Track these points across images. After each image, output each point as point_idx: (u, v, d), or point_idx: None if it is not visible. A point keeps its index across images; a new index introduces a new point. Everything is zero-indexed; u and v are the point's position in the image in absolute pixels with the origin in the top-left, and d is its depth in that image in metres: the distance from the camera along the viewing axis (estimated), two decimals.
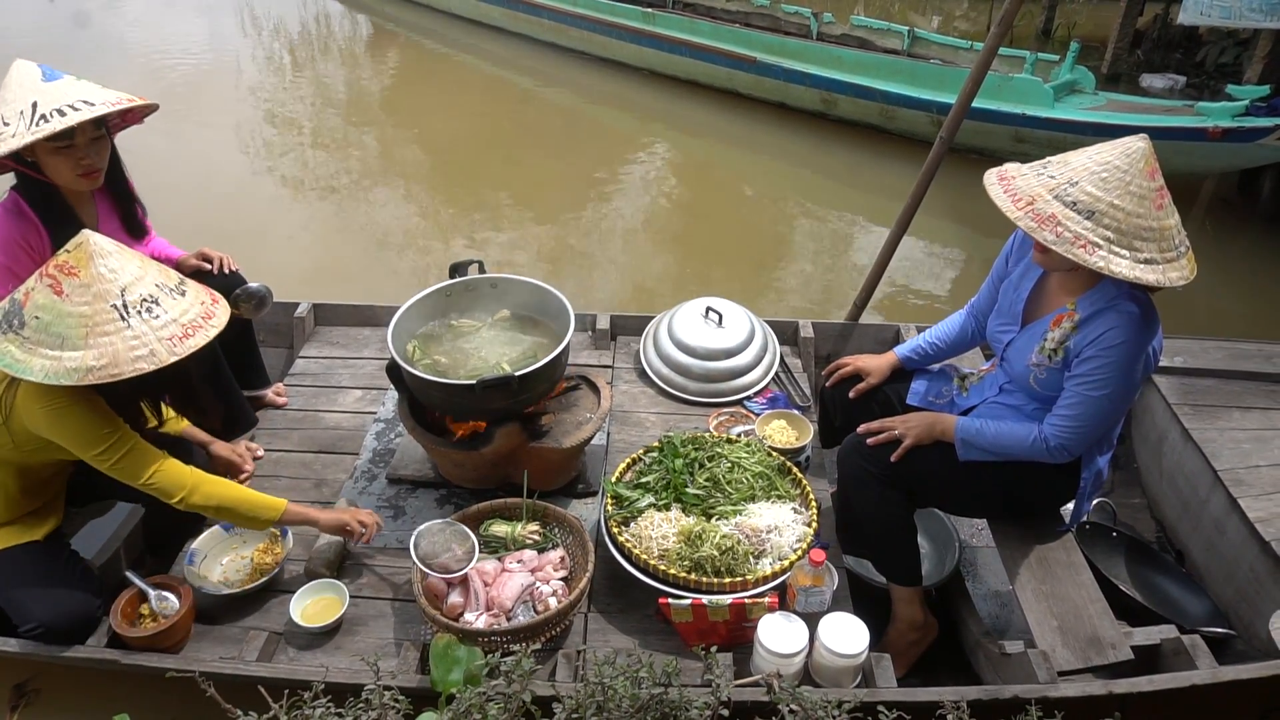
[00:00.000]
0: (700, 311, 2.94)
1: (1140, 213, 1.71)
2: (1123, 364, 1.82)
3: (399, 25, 10.18)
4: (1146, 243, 1.71)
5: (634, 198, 5.87)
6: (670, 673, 1.58)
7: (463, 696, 1.52)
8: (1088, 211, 1.72)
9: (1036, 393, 2.01)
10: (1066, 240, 1.72)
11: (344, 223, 5.39)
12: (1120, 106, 5.47)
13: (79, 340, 1.68)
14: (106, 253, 1.74)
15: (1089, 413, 1.88)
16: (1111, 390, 1.85)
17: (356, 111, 7.54)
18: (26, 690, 2.24)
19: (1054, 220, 1.73)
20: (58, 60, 2.22)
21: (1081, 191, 1.73)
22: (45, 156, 2.11)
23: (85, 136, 2.11)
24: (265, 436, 2.71)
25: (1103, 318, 1.83)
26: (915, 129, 6.08)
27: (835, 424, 2.45)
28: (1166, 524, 2.70)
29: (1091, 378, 1.85)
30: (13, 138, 2.01)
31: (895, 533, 2.11)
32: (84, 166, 2.15)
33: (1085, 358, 1.85)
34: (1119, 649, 1.92)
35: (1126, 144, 1.74)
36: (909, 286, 4.68)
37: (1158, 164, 1.75)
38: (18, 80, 2.08)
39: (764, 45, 6.77)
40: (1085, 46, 6.34)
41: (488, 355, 2.37)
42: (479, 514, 2.20)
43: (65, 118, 2.02)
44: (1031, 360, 1.98)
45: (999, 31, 2.57)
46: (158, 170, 5.26)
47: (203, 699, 1.46)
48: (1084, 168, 1.76)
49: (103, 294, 1.70)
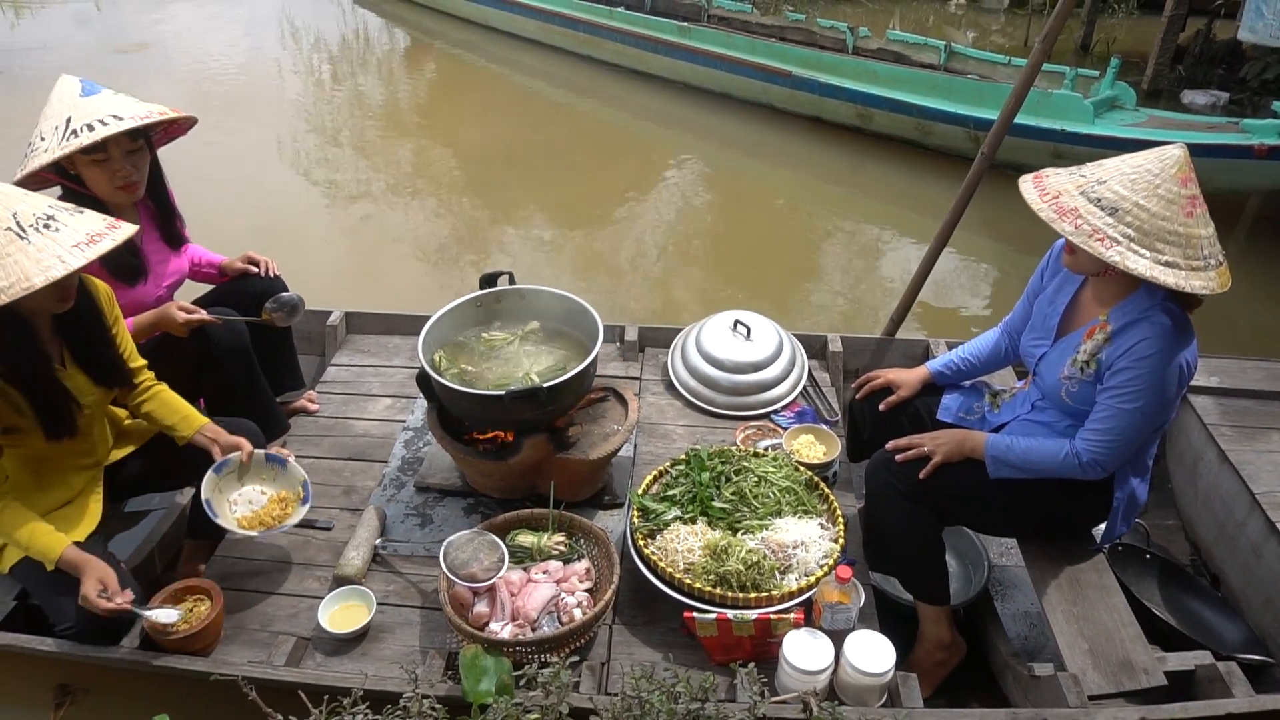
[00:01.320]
0: (728, 324, 2.94)
1: (1166, 215, 1.71)
2: (1155, 375, 1.80)
3: (435, 38, 10.33)
4: (1170, 246, 1.71)
5: (666, 210, 5.88)
6: (707, 688, 1.59)
7: (497, 706, 1.53)
8: (1111, 208, 1.73)
9: (1069, 407, 1.99)
10: (1085, 232, 1.73)
11: (379, 231, 5.46)
12: (1162, 123, 5.40)
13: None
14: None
15: (1121, 426, 1.86)
16: (1144, 403, 1.83)
17: (393, 122, 7.65)
18: (70, 690, 2.28)
19: (1075, 213, 1.75)
20: (105, 75, 2.29)
21: (1108, 190, 1.75)
22: (84, 169, 2.18)
23: (120, 149, 2.17)
24: (297, 443, 2.75)
25: (1135, 329, 1.82)
26: (952, 144, 6.05)
27: (864, 438, 2.45)
28: (1202, 547, 2.65)
29: (1124, 390, 1.84)
30: (45, 152, 2.08)
31: (923, 550, 2.09)
32: (121, 179, 2.21)
33: (1117, 369, 1.84)
34: (1152, 674, 1.89)
35: (1163, 150, 1.76)
36: (941, 302, 4.64)
37: (1194, 174, 1.75)
38: (59, 95, 2.16)
39: (799, 59, 6.77)
40: (1125, 62, 6.24)
41: (516, 366, 2.39)
42: (505, 524, 2.22)
43: (94, 132, 2.09)
44: (1064, 373, 1.97)
45: (1042, 48, 2.54)
46: (200, 178, 5.39)
47: (241, 702, 1.49)
48: (1116, 169, 1.78)
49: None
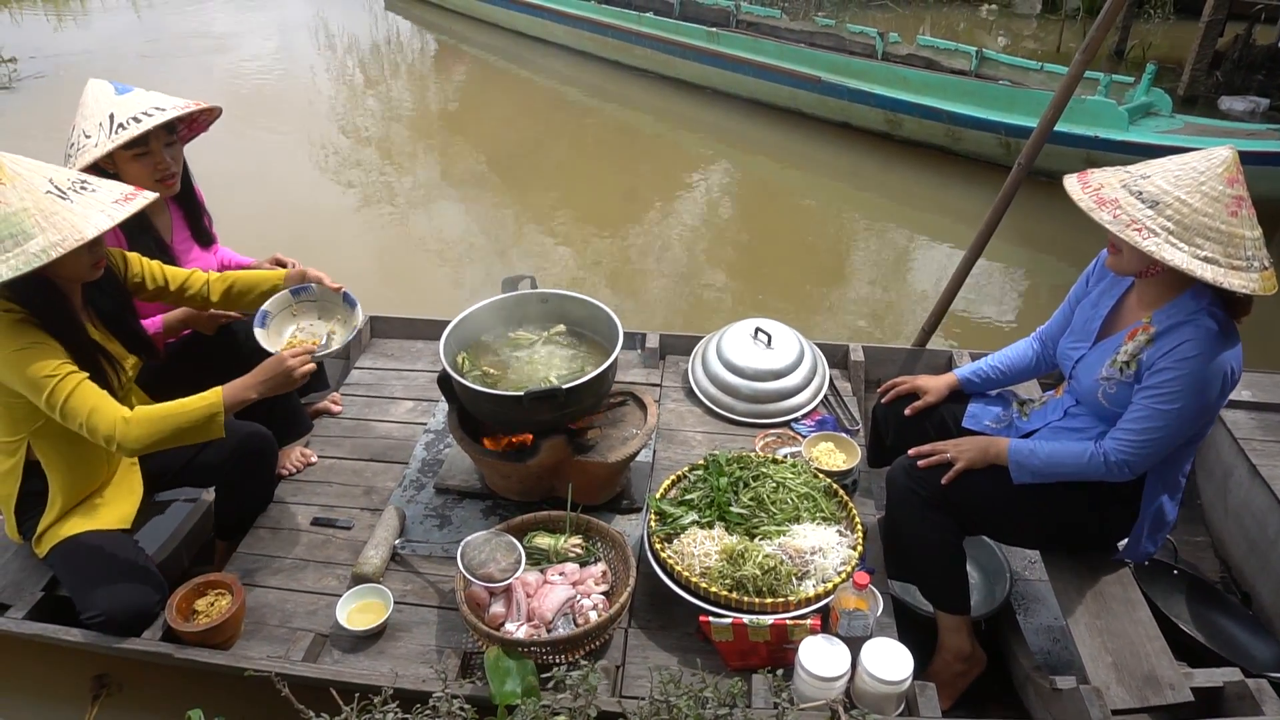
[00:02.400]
0: (749, 332, 2.94)
1: (1209, 212, 1.69)
2: (1196, 377, 1.77)
3: (466, 43, 10.46)
4: (1210, 242, 1.69)
5: (692, 215, 5.89)
6: (735, 694, 1.58)
7: (525, 707, 1.53)
8: (1152, 201, 1.72)
9: (1104, 411, 1.96)
10: (1122, 222, 1.73)
11: (406, 234, 5.53)
12: (1199, 130, 5.30)
13: (32, 228, 1.73)
14: (13, 158, 1.81)
15: (1155, 426, 1.83)
16: (1183, 404, 1.79)
17: (421, 126, 7.75)
18: (107, 682, 2.31)
19: (1115, 204, 1.75)
20: (143, 78, 2.36)
21: (1151, 184, 1.74)
22: (125, 165, 2.23)
23: (159, 142, 2.24)
24: (320, 443, 2.78)
25: (1179, 331, 1.79)
26: (982, 150, 6.00)
27: (886, 444, 2.43)
28: (1232, 564, 2.59)
29: (1162, 390, 1.80)
30: (95, 147, 2.14)
31: (943, 559, 2.07)
32: (161, 172, 2.27)
33: (1157, 369, 1.81)
34: (1178, 690, 1.84)
35: (1212, 150, 1.75)
36: (968, 311, 4.59)
37: (1242, 176, 1.73)
38: (93, 97, 2.22)
39: (829, 65, 6.73)
40: (1161, 68, 6.13)
41: (536, 369, 2.40)
42: (523, 525, 2.22)
43: (140, 124, 2.15)
44: (1102, 374, 1.94)
45: (1083, 59, 2.49)
46: (231, 180, 5.50)
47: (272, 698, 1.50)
48: (1162, 166, 1.77)
49: (32, 186, 1.77)
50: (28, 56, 8.94)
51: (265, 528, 2.44)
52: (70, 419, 1.86)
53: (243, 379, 1.99)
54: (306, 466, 2.67)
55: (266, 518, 2.47)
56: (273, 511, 2.49)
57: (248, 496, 2.42)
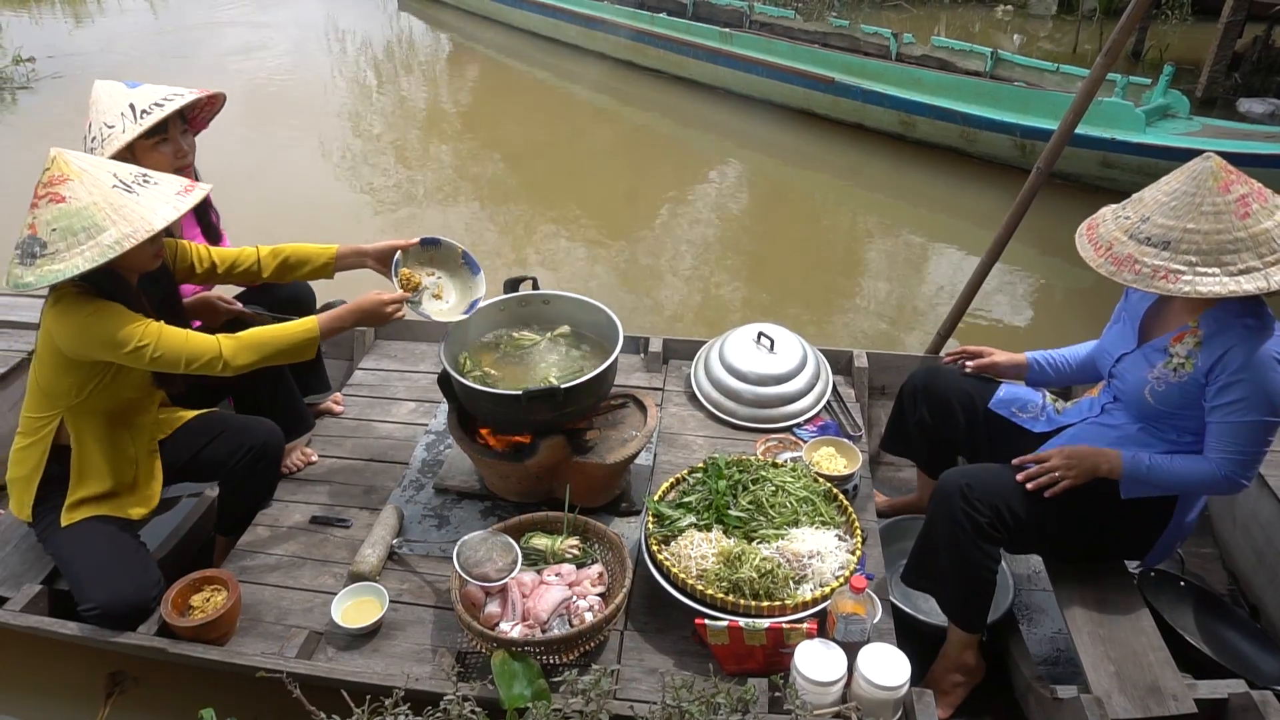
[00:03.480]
0: (752, 337, 2.93)
1: (1220, 228, 1.69)
2: (1259, 381, 1.76)
3: (478, 43, 10.49)
4: (1238, 254, 1.69)
5: (704, 217, 5.86)
6: (748, 699, 1.57)
7: (536, 710, 1.53)
8: (1162, 243, 1.72)
9: (1148, 409, 1.95)
10: (1146, 276, 1.73)
11: (415, 232, 5.50)
12: (1216, 132, 5.24)
13: (104, 222, 1.82)
14: (79, 155, 1.89)
15: (1245, 439, 1.82)
16: (1259, 411, 1.78)
17: (433, 125, 7.77)
18: (121, 680, 2.30)
19: (1131, 260, 1.76)
20: (158, 76, 2.39)
21: (1154, 226, 1.74)
22: (145, 155, 2.26)
23: (176, 130, 2.28)
24: (321, 443, 2.78)
25: (1225, 335, 1.79)
26: (997, 152, 5.95)
27: (909, 422, 2.42)
28: (1240, 576, 2.55)
29: (1235, 406, 1.80)
30: (123, 134, 2.18)
31: (978, 583, 2.00)
32: (179, 160, 2.31)
33: (1222, 385, 1.80)
34: (1181, 701, 1.81)
35: (1191, 167, 1.74)
36: (980, 315, 4.50)
37: (1235, 175, 1.72)
38: (106, 93, 2.26)
39: (842, 66, 6.69)
40: (1179, 69, 6.05)
41: (537, 369, 2.39)
42: (520, 526, 2.21)
43: (162, 108, 2.21)
44: (1152, 374, 1.92)
45: (1105, 61, 2.46)
46: (241, 179, 5.53)
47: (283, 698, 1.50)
48: (1154, 200, 1.77)
49: (99, 181, 1.85)
50: (45, 56, 9.03)
51: (264, 525, 2.44)
52: (167, 358, 1.94)
53: (339, 309, 2.15)
54: (307, 465, 2.68)
55: (266, 515, 2.47)
56: (272, 509, 2.49)
57: (252, 492, 2.43)
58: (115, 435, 2.14)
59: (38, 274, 1.81)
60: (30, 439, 2.11)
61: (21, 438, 2.14)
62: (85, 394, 2.02)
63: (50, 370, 2.01)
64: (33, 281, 1.82)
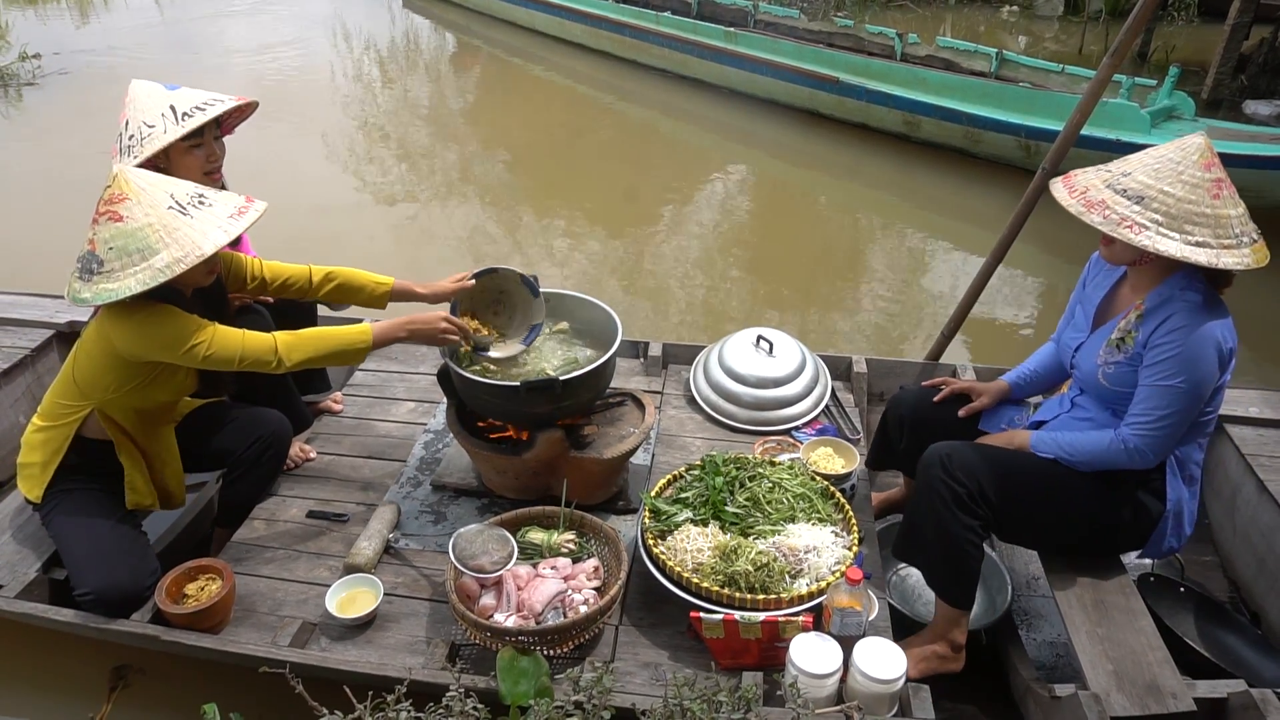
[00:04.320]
0: (751, 340, 2.94)
1: (1192, 199, 1.76)
2: (1188, 349, 1.81)
3: (483, 41, 10.55)
4: (1199, 227, 1.75)
5: (708, 217, 5.86)
6: (749, 699, 1.56)
7: (538, 708, 1.52)
8: (1137, 197, 1.79)
9: (1107, 394, 1.99)
10: (1114, 221, 1.80)
11: (419, 233, 5.56)
12: (1222, 134, 5.20)
13: (157, 244, 1.85)
14: (139, 173, 1.91)
15: (1162, 405, 1.86)
16: (1183, 378, 1.83)
17: (438, 124, 7.80)
18: (125, 675, 2.29)
19: (1103, 204, 1.82)
20: (167, 73, 2.41)
21: (1133, 180, 1.82)
22: (179, 158, 2.26)
23: (210, 134, 2.29)
24: (320, 440, 2.79)
25: (1166, 307, 1.85)
26: (1002, 153, 5.94)
27: (897, 448, 2.41)
28: (1240, 583, 2.53)
29: (1160, 369, 1.85)
30: (164, 134, 2.18)
31: (961, 555, 1.99)
32: (211, 164, 2.32)
33: (1152, 347, 1.85)
34: (1180, 699, 1.79)
35: (1183, 139, 1.82)
36: (982, 316, 4.46)
37: (1218, 160, 1.79)
38: (145, 93, 2.25)
39: (847, 65, 6.69)
40: (1185, 71, 6.03)
41: (536, 365, 2.40)
42: (517, 519, 2.21)
43: (204, 112, 2.21)
44: (1100, 357, 1.97)
45: (1112, 62, 2.48)
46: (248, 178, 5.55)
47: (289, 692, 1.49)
48: (1140, 161, 1.85)
49: (156, 202, 1.88)
50: (51, 53, 9.09)
51: (261, 518, 2.44)
52: (220, 356, 1.97)
53: (395, 321, 2.18)
54: (305, 462, 2.68)
55: (263, 509, 2.47)
56: (269, 503, 2.50)
57: (255, 482, 2.44)
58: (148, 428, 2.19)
59: (93, 291, 1.86)
60: (53, 424, 2.13)
61: (42, 420, 2.16)
62: (122, 391, 2.06)
63: (95, 365, 2.04)
64: (89, 298, 1.86)
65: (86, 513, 2.12)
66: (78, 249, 1.92)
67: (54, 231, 5.13)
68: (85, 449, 2.14)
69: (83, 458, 2.14)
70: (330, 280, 2.38)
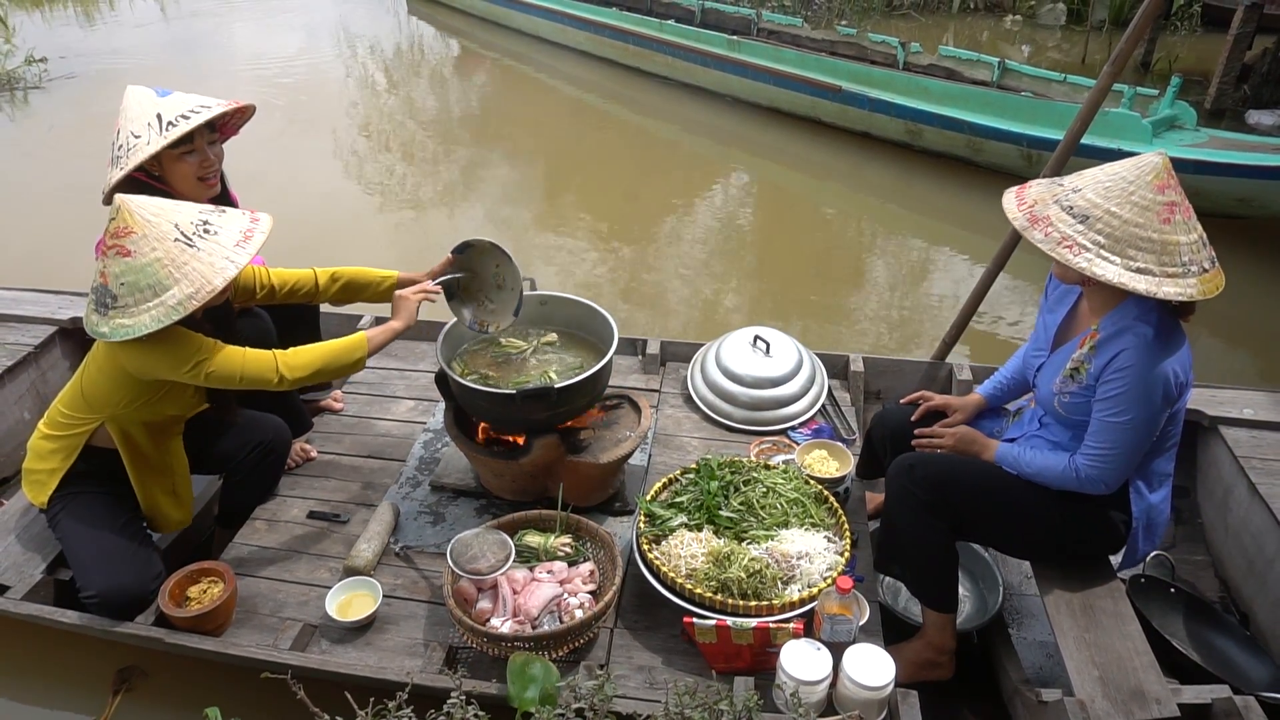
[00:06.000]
0: (748, 340, 2.95)
1: (1140, 222, 1.70)
2: (1137, 386, 1.79)
3: (487, 48, 10.50)
4: (1143, 252, 1.70)
5: (709, 223, 5.87)
6: (751, 706, 1.58)
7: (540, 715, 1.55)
8: (1082, 215, 1.74)
9: (1065, 419, 1.98)
10: (1053, 240, 1.75)
11: (421, 236, 5.57)
12: (1224, 144, 5.14)
13: (168, 280, 1.86)
14: (143, 204, 1.91)
15: (1113, 440, 1.85)
16: (1132, 415, 1.81)
17: (442, 129, 7.79)
18: (129, 677, 2.32)
19: (1047, 221, 1.77)
20: (171, 78, 2.40)
21: (1081, 198, 1.76)
22: (171, 165, 2.26)
23: (203, 140, 2.28)
24: (320, 439, 2.81)
25: (1119, 339, 1.81)
26: (1004, 162, 5.94)
27: (884, 463, 2.42)
28: (1231, 583, 2.56)
29: (1110, 405, 1.83)
30: (148, 145, 2.17)
31: (935, 558, 2.05)
32: (205, 170, 2.31)
33: (1104, 381, 1.83)
34: (1164, 705, 1.82)
35: (1141, 158, 1.76)
36: (980, 322, 4.48)
37: (1175, 182, 1.73)
38: (135, 100, 2.25)
39: (850, 74, 6.69)
40: (1187, 80, 5.98)
41: (533, 369, 2.42)
42: (513, 523, 2.24)
43: (189, 120, 2.20)
44: (1055, 386, 1.96)
45: (1112, 71, 2.48)
46: (251, 181, 5.55)
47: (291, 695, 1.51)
48: (1093, 178, 1.78)
49: (163, 235, 1.87)
50: (57, 57, 9.09)
51: (262, 519, 2.47)
52: (222, 374, 1.99)
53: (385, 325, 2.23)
54: (305, 462, 2.71)
55: (264, 509, 2.50)
56: (270, 503, 2.53)
57: (255, 486, 2.47)
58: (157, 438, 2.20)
59: (110, 326, 1.87)
60: (60, 435, 2.15)
61: (48, 429, 2.18)
62: (133, 407, 2.08)
63: (104, 381, 2.06)
64: (106, 333, 1.88)
65: (92, 515, 2.15)
66: (82, 250, 1.92)
67: (59, 233, 5.18)
68: (94, 457, 2.16)
69: (91, 465, 2.17)
70: (336, 281, 2.41)
